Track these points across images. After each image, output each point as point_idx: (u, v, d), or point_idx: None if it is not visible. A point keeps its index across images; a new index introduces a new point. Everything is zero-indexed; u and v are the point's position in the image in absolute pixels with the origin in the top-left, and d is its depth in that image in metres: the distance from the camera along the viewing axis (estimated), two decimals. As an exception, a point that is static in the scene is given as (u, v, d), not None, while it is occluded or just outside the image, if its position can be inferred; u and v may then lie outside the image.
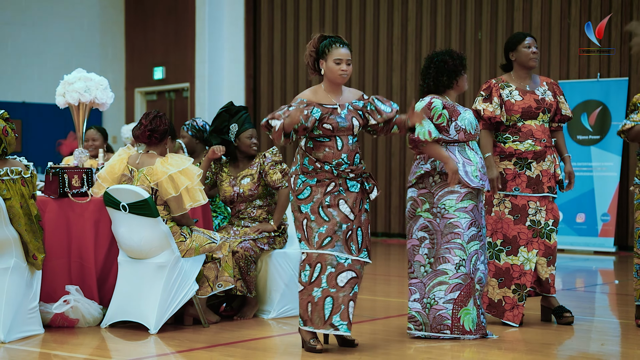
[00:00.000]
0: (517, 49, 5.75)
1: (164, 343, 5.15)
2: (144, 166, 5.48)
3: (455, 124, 5.23)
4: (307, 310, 4.78)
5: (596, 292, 8.08)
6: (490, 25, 11.89)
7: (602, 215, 10.84)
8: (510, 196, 5.66)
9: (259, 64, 13.71)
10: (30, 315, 5.21)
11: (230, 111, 6.15)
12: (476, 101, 5.76)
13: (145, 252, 5.42)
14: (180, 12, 14.10)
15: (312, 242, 4.78)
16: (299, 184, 4.83)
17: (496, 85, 5.75)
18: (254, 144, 6.05)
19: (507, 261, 5.64)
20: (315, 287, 4.77)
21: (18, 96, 13.87)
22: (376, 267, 8.86)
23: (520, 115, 5.66)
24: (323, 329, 4.76)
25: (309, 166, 4.82)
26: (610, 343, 5.37)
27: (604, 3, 11.07)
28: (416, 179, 5.26)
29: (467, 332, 5.15)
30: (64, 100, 6.00)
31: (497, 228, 5.67)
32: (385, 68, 12.63)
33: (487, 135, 5.71)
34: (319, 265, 4.77)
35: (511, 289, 5.61)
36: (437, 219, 5.18)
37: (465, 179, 5.15)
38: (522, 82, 5.76)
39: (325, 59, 4.83)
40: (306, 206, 4.81)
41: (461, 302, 5.14)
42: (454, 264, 5.14)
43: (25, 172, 5.14)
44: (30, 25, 13.97)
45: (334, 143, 4.82)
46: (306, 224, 4.80)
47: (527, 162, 5.64)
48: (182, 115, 14.22)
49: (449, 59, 5.28)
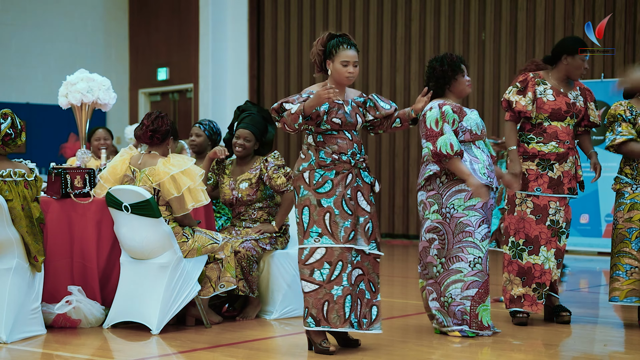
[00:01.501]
0: (575, 58, 5.65)
1: (166, 343, 5.15)
2: (146, 167, 5.47)
3: (461, 125, 5.23)
4: (323, 309, 4.72)
5: (600, 292, 8.06)
6: (494, 25, 11.88)
7: (606, 216, 10.82)
8: (532, 196, 5.64)
9: (263, 64, 13.71)
10: (32, 316, 5.21)
11: (240, 108, 6.18)
12: (510, 91, 5.68)
13: (147, 253, 5.42)
14: (183, 12, 14.11)
15: (339, 236, 4.73)
16: (317, 177, 4.78)
17: (533, 79, 5.68)
18: (238, 145, 5.97)
19: (529, 260, 5.64)
20: (335, 285, 4.72)
21: (22, 97, 13.88)
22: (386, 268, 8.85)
23: (548, 115, 5.63)
24: (342, 328, 4.73)
25: (326, 159, 4.79)
26: (613, 344, 5.36)
27: (608, 3, 11.05)
28: (424, 180, 5.27)
29: (485, 327, 5.23)
30: (67, 100, 6.01)
31: (520, 227, 5.66)
32: (388, 68, 12.62)
33: (513, 127, 5.68)
34: (341, 263, 4.73)
35: (532, 287, 5.63)
36: (446, 219, 5.19)
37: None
38: (558, 83, 5.73)
39: (333, 60, 4.82)
40: (328, 200, 4.76)
41: (480, 298, 5.20)
42: (468, 262, 5.17)
43: (29, 174, 5.15)
44: (34, 26, 13.99)
45: (343, 135, 4.83)
46: (330, 218, 4.74)
47: (550, 163, 5.63)
48: (186, 116, 14.22)
49: (437, 65, 5.29)
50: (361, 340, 4.98)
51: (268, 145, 6.13)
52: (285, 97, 4.83)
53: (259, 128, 6.05)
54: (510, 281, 5.70)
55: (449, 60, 5.30)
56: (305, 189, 4.79)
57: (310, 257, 4.75)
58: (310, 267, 4.75)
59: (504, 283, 5.75)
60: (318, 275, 4.73)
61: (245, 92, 13.64)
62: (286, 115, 4.73)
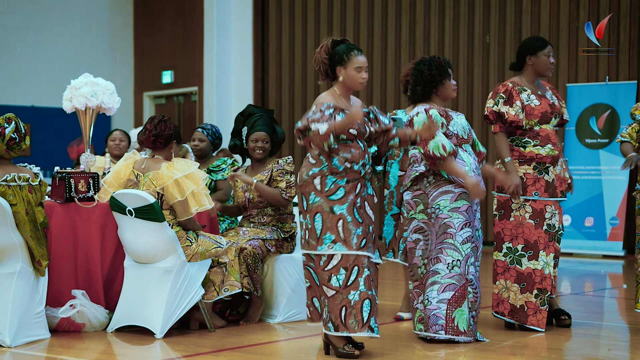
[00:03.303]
0: (538, 55, 5.67)
1: (169, 347, 5.15)
2: (149, 171, 5.48)
3: (447, 129, 5.22)
4: (341, 315, 4.72)
5: (605, 296, 8.05)
6: (499, 28, 11.87)
7: (611, 219, 10.80)
8: (531, 201, 5.62)
9: (267, 67, 13.72)
10: (36, 320, 5.22)
11: (244, 114, 6.18)
12: (497, 103, 5.65)
13: (151, 257, 5.42)
14: (188, 15, 14.12)
15: (351, 243, 4.73)
16: (330, 184, 4.77)
17: (514, 88, 5.66)
18: (258, 148, 6.05)
19: (529, 266, 5.59)
20: (352, 290, 4.72)
21: (27, 100, 13.91)
22: (384, 271, 8.85)
23: (538, 119, 5.63)
24: (361, 332, 4.72)
25: (339, 166, 4.78)
26: (617, 348, 5.34)
27: (613, 6, 11.04)
28: (411, 181, 5.27)
29: (461, 332, 5.15)
30: (71, 105, 6.02)
31: (518, 233, 5.62)
32: (393, 71, 12.61)
33: (504, 138, 5.64)
34: (356, 268, 4.73)
35: (533, 293, 5.58)
36: (431, 219, 5.18)
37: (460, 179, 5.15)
38: (534, 86, 5.74)
39: (345, 66, 4.81)
40: (341, 207, 4.75)
41: (455, 302, 5.13)
42: (446, 263, 5.14)
43: (33, 179, 5.15)
44: (38, 29, 14.01)
45: (357, 144, 4.82)
46: (343, 225, 4.74)
47: (545, 166, 5.62)
48: (190, 119, 14.23)
49: (425, 69, 5.27)
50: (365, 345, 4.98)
51: (279, 144, 6.21)
52: (307, 115, 4.74)
53: (271, 129, 6.12)
54: (507, 288, 5.63)
55: (437, 64, 5.29)
56: (317, 195, 4.77)
57: (328, 264, 4.76)
58: (329, 273, 4.76)
59: (500, 291, 5.67)
60: (335, 281, 4.74)
61: (250, 95, 13.65)
62: (313, 136, 4.67)
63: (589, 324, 6.00)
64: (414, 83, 5.32)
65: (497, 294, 5.67)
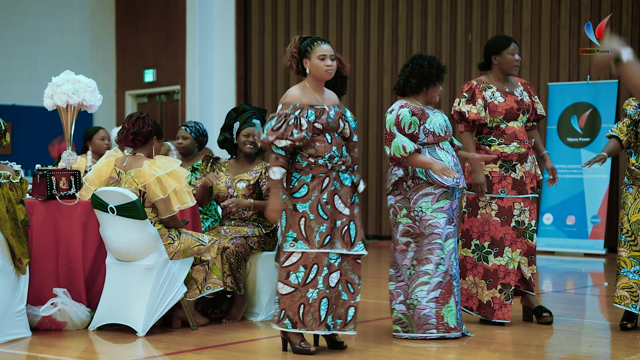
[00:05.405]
0: (502, 54, 5.76)
1: (152, 346, 5.14)
2: (131, 168, 5.46)
3: (424, 127, 5.23)
4: (299, 312, 4.75)
5: (586, 294, 8.09)
6: (481, 27, 11.91)
7: (592, 218, 10.85)
8: (497, 198, 5.67)
9: (250, 66, 13.70)
10: (17, 318, 5.19)
11: (237, 110, 6.19)
12: (459, 102, 5.74)
13: (133, 255, 5.40)
14: (171, 14, 14.08)
15: (313, 241, 4.74)
16: (294, 182, 4.80)
17: (478, 86, 5.75)
18: (249, 142, 6.06)
19: (494, 262, 5.66)
20: (310, 288, 4.74)
21: (8, 99, 13.83)
22: (367, 269, 8.86)
23: (503, 116, 5.68)
24: (318, 330, 4.75)
25: (302, 162, 4.79)
26: (599, 345, 5.38)
27: (594, 5, 11.10)
28: (392, 185, 5.29)
29: (451, 329, 5.18)
30: (52, 102, 5.97)
31: (484, 230, 5.69)
32: (376, 70, 12.63)
33: (470, 137, 5.72)
34: (316, 266, 4.75)
35: (497, 289, 5.64)
36: (416, 222, 5.20)
37: (439, 179, 5.16)
38: (501, 84, 5.79)
39: (309, 57, 4.83)
40: (304, 205, 4.76)
41: (443, 299, 5.17)
42: (435, 263, 5.17)
43: (14, 176, 5.13)
44: (20, 28, 13.93)
45: (323, 137, 4.82)
46: (305, 223, 4.75)
47: (512, 164, 5.67)
48: (173, 117, 14.19)
49: (426, 65, 5.27)
50: (348, 343, 4.98)
51: None
52: (270, 125, 4.77)
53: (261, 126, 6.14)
54: (476, 284, 5.70)
55: (437, 65, 5.30)
56: (283, 192, 4.81)
57: (286, 260, 4.78)
58: (287, 269, 4.78)
59: (469, 287, 5.73)
60: (294, 278, 4.76)
61: (233, 93, 13.63)
62: (280, 150, 4.73)
63: (571, 321, 6.03)
64: (410, 75, 5.30)
65: (466, 289, 5.75)
